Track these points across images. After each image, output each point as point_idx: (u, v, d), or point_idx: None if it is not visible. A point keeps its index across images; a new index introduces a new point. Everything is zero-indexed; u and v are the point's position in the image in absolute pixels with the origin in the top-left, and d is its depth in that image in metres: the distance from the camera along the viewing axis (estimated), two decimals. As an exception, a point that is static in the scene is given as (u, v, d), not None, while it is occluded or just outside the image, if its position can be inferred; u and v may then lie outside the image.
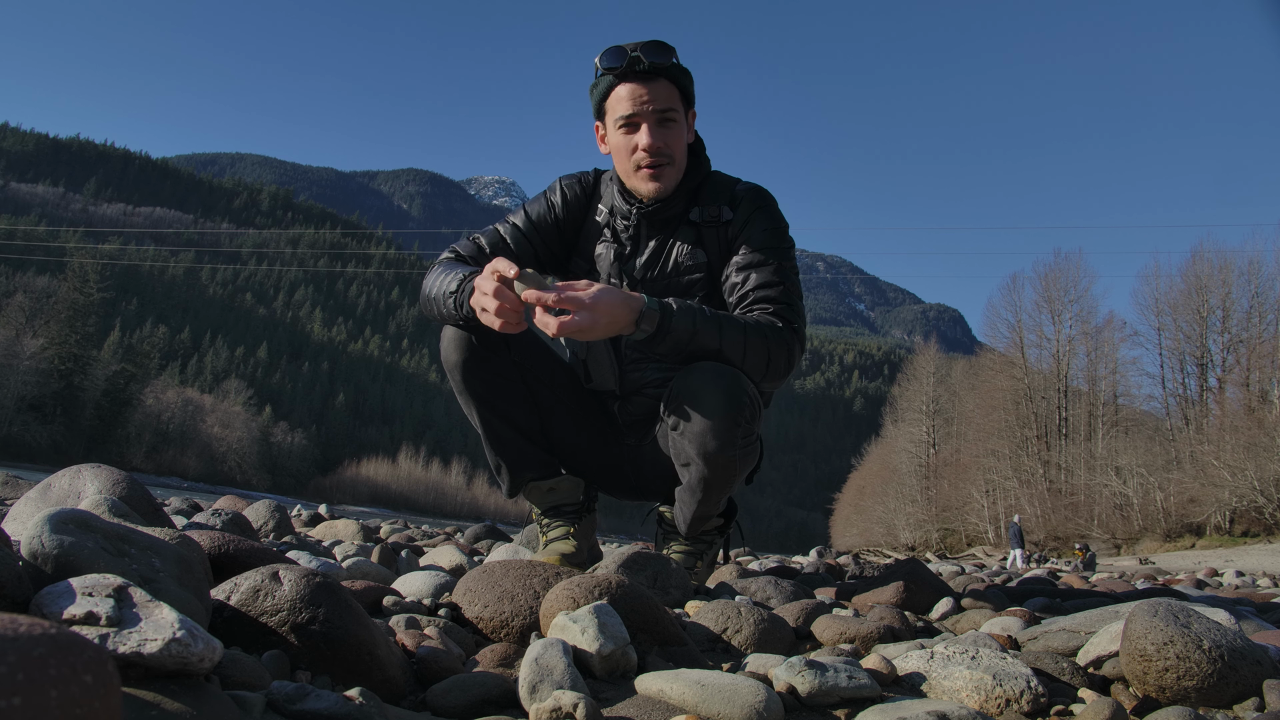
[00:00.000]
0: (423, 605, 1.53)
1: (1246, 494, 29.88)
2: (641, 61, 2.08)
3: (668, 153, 2.15)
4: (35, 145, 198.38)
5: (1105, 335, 44.07)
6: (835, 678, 1.15)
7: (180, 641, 0.80)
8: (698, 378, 2.00)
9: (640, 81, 2.10)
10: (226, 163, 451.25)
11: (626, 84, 2.11)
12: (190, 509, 3.85)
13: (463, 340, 2.20)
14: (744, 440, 2.03)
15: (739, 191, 2.27)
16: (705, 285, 2.25)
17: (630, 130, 2.14)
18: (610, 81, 2.13)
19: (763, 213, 2.23)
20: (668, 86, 2.13)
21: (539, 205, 2.36)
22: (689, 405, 2.00)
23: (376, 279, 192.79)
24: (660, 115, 2.12)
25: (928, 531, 51.66)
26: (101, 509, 1.40)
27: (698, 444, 2.02)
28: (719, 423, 1.97)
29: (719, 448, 2.01)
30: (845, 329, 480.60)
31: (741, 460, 2.08)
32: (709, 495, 2.17)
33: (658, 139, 2.12)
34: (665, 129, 2.13)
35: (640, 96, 2.11)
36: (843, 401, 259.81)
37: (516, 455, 2.32)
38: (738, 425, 1.99)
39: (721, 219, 2.23)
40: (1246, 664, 1.22)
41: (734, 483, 2.16)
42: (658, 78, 2.11)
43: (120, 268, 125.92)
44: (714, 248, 2.24)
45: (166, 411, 78.90)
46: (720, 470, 2.07)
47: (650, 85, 2.11)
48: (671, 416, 2.06)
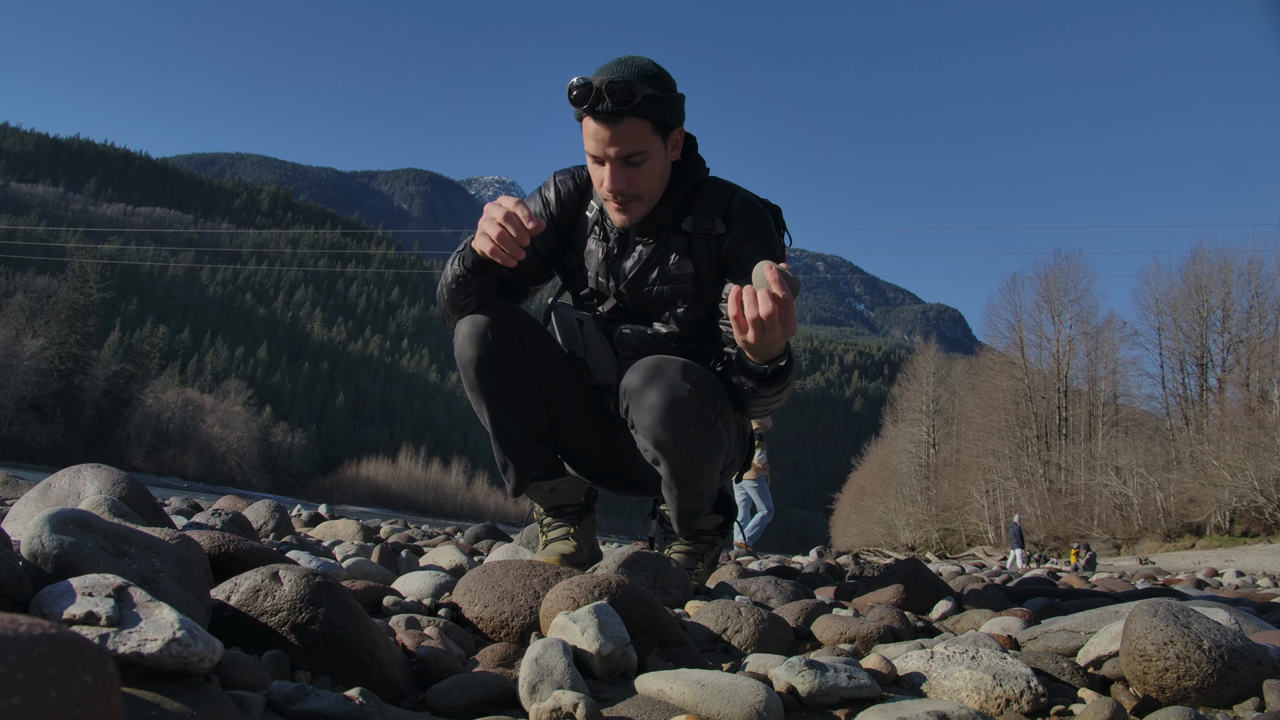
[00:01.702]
0: (423, 605, 1.53)
1: (1246, 494, 29.88)
2: (605, 102, 1.99)
3: (632, 193, 2.12)
4: (35, 145, 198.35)
5: (1105, 335, 44.13)
6: (835, 678, 1.15)
7: (180, 641, 0.80)
8: (639, 374, 2.04)
9: (605, 123, 2.01)
10: (226, 163, 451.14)
11: (592, 121, 2.04)
12: (190, 509, 3.85)
13: (478, 337, 2.20)
14: (697, 430, 2.03)
15: (735, 205, 2.23)
16: (691, 296, 2.25)
17: (597, 164, 2.11)
18: (578, 112, 2.08)
19: (760, 238, 2.21)
20: (636, 124, 2.03)
21: (534, 204, 2.37)
22: (633, 401, 2.05)
23: (376, 279, 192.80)
24: (624, 159, 2.06)
25: (928, 531, 51.65)
26: (101, 509, 1.40)
27: (651, 438, 2.06)
28: (665, 415, 2.00)
29: (671, 440, 2.03)
30: (845, 329, 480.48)
31: (703, 450, 2.08)
32: (683, 489, 2.20)
33: (619, 182, 2.08)
34: (631, 169, 2.08)
35: (604, 139, 2.03)
36: (843, 401, 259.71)
37: (524, 454, 2.33)
38: (685, 415, 2.00)
39: (714, 232, 2.21)
40: (1246, 664, 1.22)
41: (704, 474, 2.16)
42: (624, 117, 2.01)
43: (120, 268, 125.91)
44: (703, 260, 2.23)
45: (166, 411, 78.92)
46: (680, 462, 2.09)
47: (615, 127, 2.01)
48: (627, 415, 2.10)
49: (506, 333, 2.21)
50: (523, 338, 2.24)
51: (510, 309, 2.24)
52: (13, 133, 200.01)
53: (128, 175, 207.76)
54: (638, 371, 2.05)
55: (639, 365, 2.07)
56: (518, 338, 2.23)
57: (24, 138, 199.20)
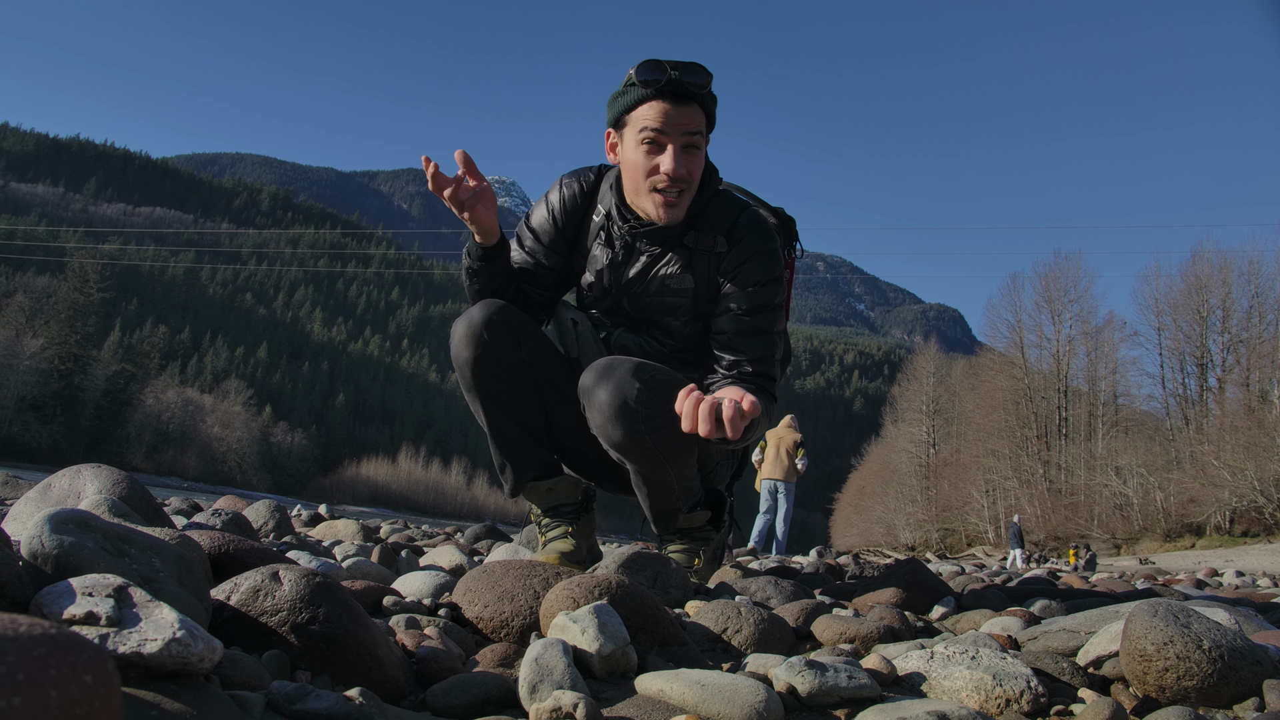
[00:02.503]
0: (423, 605, 1.53)
1: (1246, 494, 29.87)
2: (680, 83, 2.03)
3: (688, 179, 2.12)
4: (35, 145, 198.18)
5: (1105, 335, 44.12)
6: (835, 678, 1.15)
7: (180, 641, 0.80)
8: (591, 374, 2.08)
9: (674, 103, 2.04)
10: (226, 163, 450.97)
11: (660, 102, 2.05)
12: (190, 509, 3.84)
13: (474, 337, 2.20)
14: (649, 427, 2.03)
15: (741, 223, 2.23)
16: (688, 310, 2.27)
17: (654, 150, 2.09)
18: (642, 94, 2.07)
19: (760, 260, 2.21)
20: (698, 112, 2.08)
21: (540, 212, 2.39)
22: (586, 401, 2.08)
23: (376, 279, 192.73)
24: (687, 141, 2.08)
25: (928, 531, 51.64)
26: (101, 509, 1.40)
27: (605, 436, 2.08)
28: (614, 413, 2.02)
29: (624, 436, 2.04)
30: (845, 329, 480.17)
31: (660, 447, 2.07)
32: (651, 487, 2.21)
33: (681, 165, 2.08)
34: (689, 155, 2.10)
35: (674, 118, 2.05)
36: (843, 401, 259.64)
37: (521, 454, 2.33)
38: (634, 413, 2.01)
39: (715, 249, 2.22)
40: (1246, 664, 1.22)
41: (668, 472, 2.16)
42: (690, 101, 2.06)
43: (120, 268, 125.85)
44: (703, 275, 2.24)
45: (166, 411, 78.91)
46: (638, 457, 2.10)
47: (683, 108, 2.05)
48: (586, 415, 2.12)
49: (501, 333, 2.21)
50: (518, 338, 2.24)
51: (506, 309, 2.24)
52: (13, 133, 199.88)
53: (128, 175, 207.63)
54: (591, 371, 2.08)
55: (593, 365, 2.09)
56: (513, 338, 2.23)
57: (24, 138, 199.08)
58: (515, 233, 2.45)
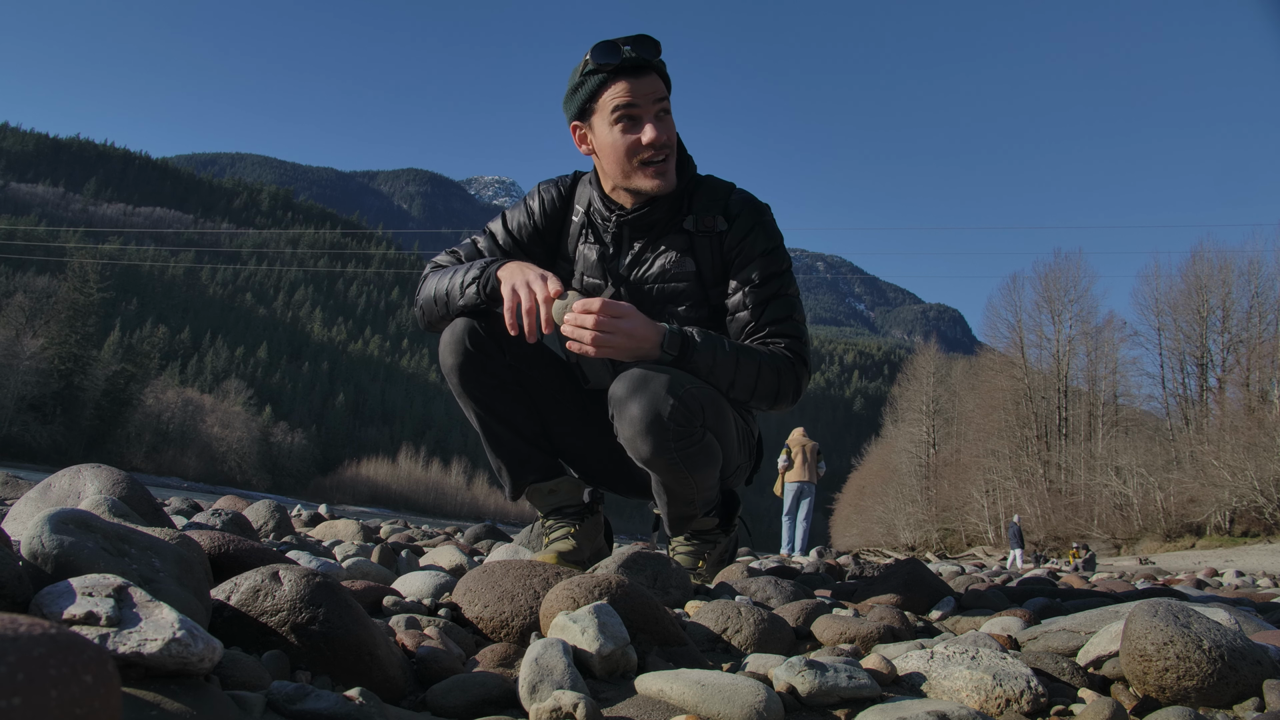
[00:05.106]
0: (423, 605, 1.53)
1: (1246, 494, 29.86)
2: (635, 57, 2.08)
3: (670, 144, 2.16)
4: (35, 145, 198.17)
5: (1105, 335, 44.08)
6: (835, 678, 1.15)
7: (180, 641, 0.80)
8: (624, 384, 2.05)
9: (635, 76, 2.10)
10: (226, 163, 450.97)
11: (622, 80, 2.10)
12: (190, 509, 3.84)
13: (459, 344, 2.20)
14: (679, 445, 2.03)
15: (734, 201, 2.26)
16: (693, 294, 2.25)
17: (630, 126, 2.12)
18: (602, 80, 2.11)
19: (761, 230, 2.23)
20: (657, 80, 2.13)
21: (518, 214, 2.39)
22: (617, 412, 2.06)
23: (376, 279, 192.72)
24: (658, 108, 2.12)
25: (928, 531, 51.62)
26: (101, 509, 1.40)
27: (633, 449, 2.07)
28: (646, 429, 2.01)
29: (652, 452, 2.04)
30: (845, 329, 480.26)
31: (687, 463, 2.08)
32: (672, 497, 2.21)
33: (662, 132, 2.12)
34: (663, 120, 2.14)
35: (639, 90, 2.10)
36: (843, 401, 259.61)
37: (516, 458, 2.33)
38: (665, 430, 2.00)
39: (716, 229, 2.23)
40: (1246, 664, 1.22)
41: (691, 484, 2.16)
42: (649, 72, 2.12)
43: (120, 268, 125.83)
44: (706, 258, 2.24)
45: (166, 411, 78.91)
46: (664, 473, 2.11)
47: (644, 79, 2.11)
48: (614, 424, 2.11)
49: (485, 339, 2.21)
50: (501, 343, 2.23)
51: (491, 315, 2.24)
52: (13, 133, 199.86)
53: (128, 175, 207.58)
54: (624, 381, 2.06)
55: (626, 375, 2.06)
56: (496, 343, 2.23)
57: (24, 138, 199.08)
58: (485, 229, 2.42)
